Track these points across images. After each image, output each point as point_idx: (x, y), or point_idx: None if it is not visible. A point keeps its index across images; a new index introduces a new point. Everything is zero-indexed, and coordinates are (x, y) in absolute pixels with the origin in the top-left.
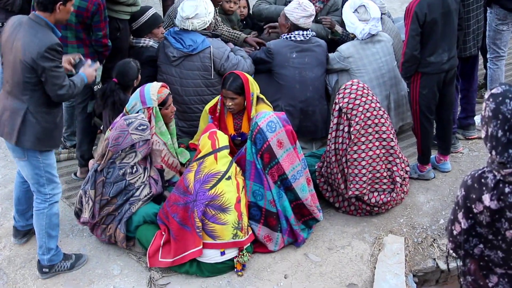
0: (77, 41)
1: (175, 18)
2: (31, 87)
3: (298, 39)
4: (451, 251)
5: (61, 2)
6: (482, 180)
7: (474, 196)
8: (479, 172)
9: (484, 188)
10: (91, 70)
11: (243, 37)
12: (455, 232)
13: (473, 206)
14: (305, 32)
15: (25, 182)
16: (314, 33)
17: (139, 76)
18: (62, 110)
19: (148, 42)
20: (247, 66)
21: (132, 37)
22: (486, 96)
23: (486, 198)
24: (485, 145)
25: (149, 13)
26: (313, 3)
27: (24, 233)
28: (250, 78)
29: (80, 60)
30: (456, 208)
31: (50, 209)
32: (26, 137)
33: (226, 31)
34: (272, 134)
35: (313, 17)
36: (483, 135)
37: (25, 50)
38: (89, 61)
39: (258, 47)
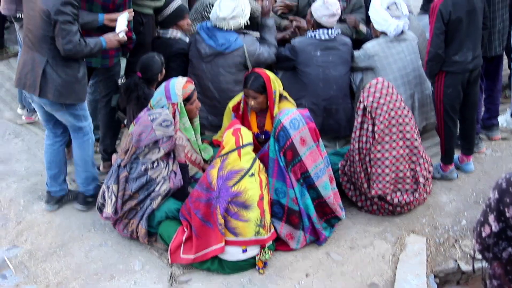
0: (101, 33)
1: (203, 11)
2: (50, 40)
3: (323, 37)
4: (477, 253)
5: None
6: None
7: (508, 200)
8: None
9: None
10: (112, 36)
11: (284, 23)
12: (484, 234)
13: (506, 209)
14: (329, 31)
15: (55, 143)
16: (339, 31)
17: (163, 70)
18: (83, 66)
19: (176, 34)
20: (273, 56)
21: (158, 27)
22: None
23: None
24: None
25: (174, 5)
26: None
27: (57, 199)
28: (272, 76)
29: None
30: (488, 210)
31: (92, 138)
32: (48, 89)
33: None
34: (295, 131)
35: (336, 16)
36: None
37: (43, 4)
38: (124, 28)
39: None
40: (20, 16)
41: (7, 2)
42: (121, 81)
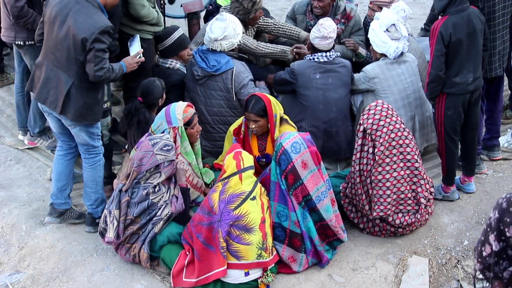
0: None
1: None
2: (80, 64)
3: (322, 60)
4: (478, 272)
5: None
6: None
7: (508, 220)
8: None
9: None
10: (130, 59)
11: (303, 35)
12: (484, 254)
13: (506, 229)
14: (328, 54)
15: (68, 155)
16: (338, 54)
17: (164, 95)
18: (103, 88)
19: (175, 64)
20: None
21: (158, 56)
22: None
23: None
24: None
25: (175, 35)
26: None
27: (60, 212)
28: (273, 99)
29: (133, 38)
30: (488, 230)
31: (102, 159)
32: (69, 109)
33: (282, 27)
34: (297, 155)
35: (329, 39)
36: None
37: (79, 29)
38: (140, 50)
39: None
40: (20, 43)
41: (7, 29)
42: (106, 105)
